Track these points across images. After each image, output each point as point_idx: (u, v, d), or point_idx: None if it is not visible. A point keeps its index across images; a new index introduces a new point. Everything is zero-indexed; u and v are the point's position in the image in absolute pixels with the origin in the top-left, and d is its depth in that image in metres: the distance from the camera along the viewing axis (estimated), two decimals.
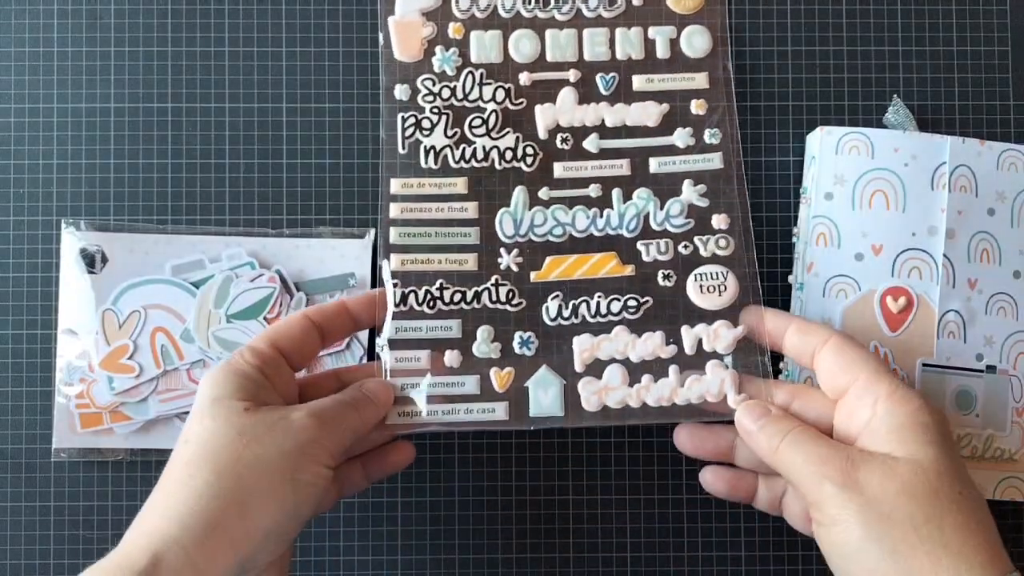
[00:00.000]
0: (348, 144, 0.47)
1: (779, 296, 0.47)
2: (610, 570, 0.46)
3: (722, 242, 0.45)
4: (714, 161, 0.46)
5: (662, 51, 0.47)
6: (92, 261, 0.45)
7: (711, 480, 0.44)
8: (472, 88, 0.46)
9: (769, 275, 0.47)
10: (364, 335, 0.45)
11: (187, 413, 0.45)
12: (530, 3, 0.47)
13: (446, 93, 0.46)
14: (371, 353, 0.46)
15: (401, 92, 0.46)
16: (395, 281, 0.44)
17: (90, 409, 0.45)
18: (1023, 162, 0.46)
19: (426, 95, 0.46)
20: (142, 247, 0.45)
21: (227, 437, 0.36)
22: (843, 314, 0.45)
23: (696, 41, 0.47)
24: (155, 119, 0.47)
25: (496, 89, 0.46)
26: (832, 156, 0.46)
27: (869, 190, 0.45)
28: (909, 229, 0.45)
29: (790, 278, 0.47)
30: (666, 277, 0.44)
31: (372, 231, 0.46)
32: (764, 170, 0.48)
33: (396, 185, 0.45)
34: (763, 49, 0.48)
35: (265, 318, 0.44)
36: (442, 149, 0.45)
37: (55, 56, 0.47)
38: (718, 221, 0.45)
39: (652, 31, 0.47)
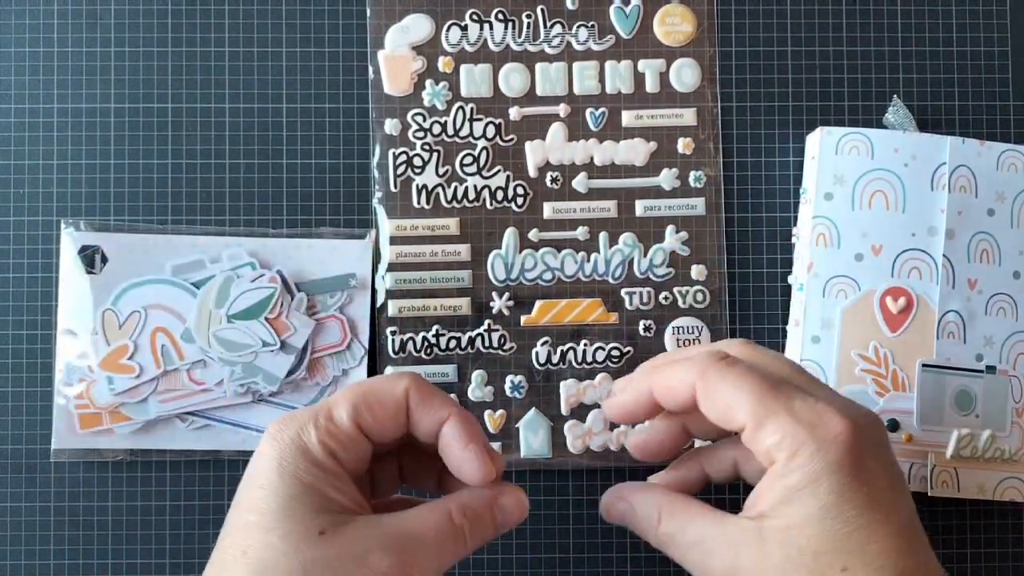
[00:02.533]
0: (348, 144, 0.47)
1: (779, 296, 0.47)
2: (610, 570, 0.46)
3: (699, 295, 0.46)
4: (697, 208, 0.47)
5: (651, 85, 0.47)
6: (92, 261, 0.45)
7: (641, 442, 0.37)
8: (463, 124, 0.46)
9: (769, 275, 0.47)
10: (365, 335, 0.45)
11: (188, 413, 0.46)
12: (520, 36, 0.47)
13: (436, 129, 0.46)
14: (372, 353, 0.46)
15: (391, 127, 0.46)
16: (393, 328, 0.46)
17: (90, 409, 0.45)
18: (1023, 162, 0.46)
19: (416, 131, 0.46)
20: (142, 247, 0.45)
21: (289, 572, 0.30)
22: (843, 314, 0.45)
23: (685, 75, 0.47)
24: (155, 119, 0.47)
25: (487, 124, 0.46)
26: (832, 156, 0.46)
27: (869, 190, 0.45)
28: (909, 229, 0.45)
29: (790, 278, 0.47)
30: (647, 328, 0.46)
31: (372, 231, 0.46)
32: (764, 170, 0.48)
33: (391, 227, 0.46)
34: (763, 49, 0.48)
35: (266, 318, 0.44)
36: (434, 188, 0.46)
37: (55, 56, 0.47)
38: (697, 272, 0.46)
39: (642, 64, 0.47)
